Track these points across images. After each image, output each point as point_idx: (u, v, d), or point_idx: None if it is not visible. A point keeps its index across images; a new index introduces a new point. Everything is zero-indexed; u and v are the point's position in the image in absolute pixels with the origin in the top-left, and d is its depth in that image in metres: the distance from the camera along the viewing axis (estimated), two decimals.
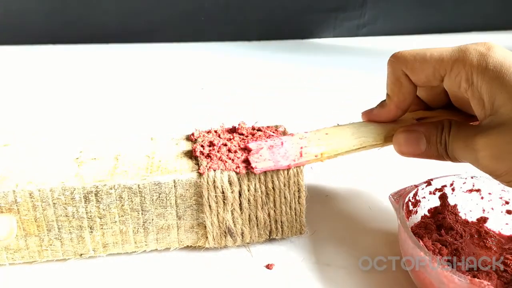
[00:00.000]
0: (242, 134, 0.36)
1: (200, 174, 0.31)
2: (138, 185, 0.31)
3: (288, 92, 0.71)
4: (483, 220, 0.35)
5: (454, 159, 0.30)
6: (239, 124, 0.37)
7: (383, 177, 0.45)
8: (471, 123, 0.30)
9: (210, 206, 0.32)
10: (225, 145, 0.35)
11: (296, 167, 0.32)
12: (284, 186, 0.33)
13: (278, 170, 0.32)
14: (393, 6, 1.07)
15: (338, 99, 0.68)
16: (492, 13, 1.09)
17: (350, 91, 0.72)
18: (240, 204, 0.33)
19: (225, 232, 0.33)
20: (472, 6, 1.07)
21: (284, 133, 0.36)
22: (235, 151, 0.34)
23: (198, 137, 0.36)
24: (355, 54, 0.94)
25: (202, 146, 0.34)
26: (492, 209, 0.35)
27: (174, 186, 0.32)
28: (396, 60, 0.30)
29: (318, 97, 0.69)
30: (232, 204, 0.32)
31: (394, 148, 0.33)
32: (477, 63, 0.27)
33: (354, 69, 0.84)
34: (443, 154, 0.30)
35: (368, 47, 1.01)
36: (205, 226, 0.33)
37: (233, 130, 0.37)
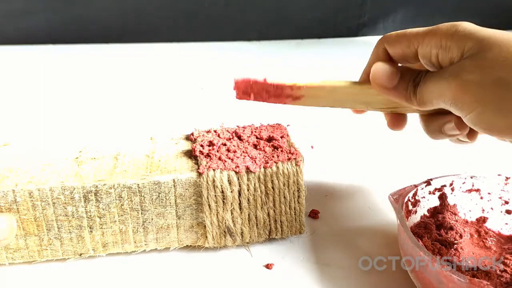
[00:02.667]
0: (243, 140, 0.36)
1: (200, 174, 0.31)
2: (138, 184, 0.31)
3: None
4: (482, 220, 0.35)
5: (420, 102, 0.30)
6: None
7: (382, 177, 0.45)
8: None
9: (209, 205, 0.32)
10: (225, 144, 0.35)
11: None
12: (284, 185, 0.33)
13: (278, 170, 0.32)
14: (393, 6, 1.07)
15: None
16: (491, 13, 1.09)
17: None
18: (240, 204, 0.33)
19: (224, 231, 0.33)
20: (471, 6, 1.07)
21: (284, 134, 0.36)
22: (235, 151, 0.34)
23: (197, 137, 0.36)
24: (355, 54, 0.94)
25: (201, 145, 0.34)
26: (492, 209, 0.35)
27: (174, 186, 0.32)
28: (381, 39, 0.33)
29: None
30: (231, 203, 0.32)
31: (370, 78, 0.33)
32: (446, 31, 0.29)
33: (354, 69, 0.84)
34: (411, 93, 0.31)
35: (368, 47, 1.01)
36: (205, 226, 0.33)
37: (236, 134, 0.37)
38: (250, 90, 0.31)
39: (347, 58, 0.92)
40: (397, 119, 0.36)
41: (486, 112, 0.26)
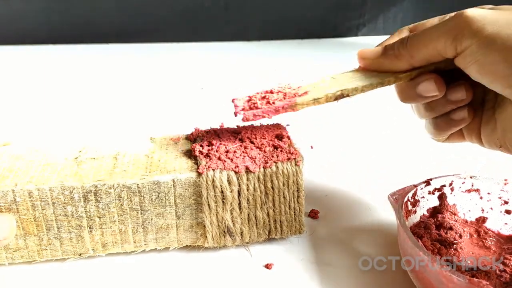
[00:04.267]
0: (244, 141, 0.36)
1: (199, 174, 0.31)
2: (137, 184, 0.31)
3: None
4: (482, 220, 0.35)
5: (412, 50, 0.30)
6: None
7: (382, 177, 0.45)
8: None
9: (209, 205, 0.32)
10: (224, 144, 0.35)
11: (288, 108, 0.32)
12: (283, 185, 0.33)
13: (277, 170, 0.32)
14: (393, 6, 1.07)
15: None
16: None
17: None
18: (239, 204, 0.33)
19: (224, 231, 0.33)
20: (471, 6, 1.07)
21: (283, 134, 0.36)
22: (234, 151, 0.34)
23: (197, 137, 0.36)
24: (355, 54, 0.94)
25: (201, 145, 0.34)
26: (491, 209, 0.35)
27: (173, 186, 0.32)
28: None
29: None
30: (231, 203, 0.32)
31: (358, 58, 0.34)
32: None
33: None
34: (400, 48, 0.31)
35: (368, 47, 1.01)
36: (204, 226, 0.33)
37: (237, 132, 0.37)
38: (253, 119, 0.32)
39: (347, 58, 0.92)
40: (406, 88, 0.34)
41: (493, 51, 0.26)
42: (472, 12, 0.28)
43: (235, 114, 0.32)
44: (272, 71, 0.83)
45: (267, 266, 0.33)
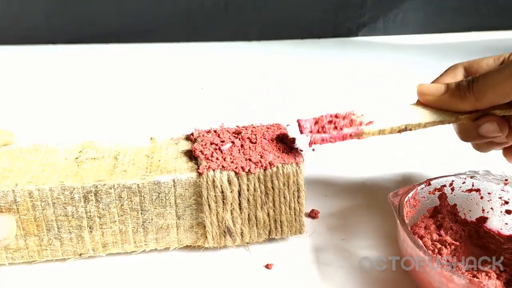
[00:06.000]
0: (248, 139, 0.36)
1: (200, 174, 0.31)
2: (138, 184, 0.31)
3: (288, 92, 0.71)
4: (482, 220, 0.35)
5: (478, 95, 0.31)
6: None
7: (383, 177, 0.45)
8: None
9: (209, 205, 0.32)
10: (224, 144, 0.35)
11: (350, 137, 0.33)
12: (284, 185, 0.33)
13: (277, 170, 0.32)
14: (393, 6, 1.07)
15: (339, 99, 0.68)
16: (490, 13, 1.09)
17: (350, 91, 0.72)
18: (240, 204, 0.33)
19: (224, 231, 0.33)
20: (472, 6, 1.07)
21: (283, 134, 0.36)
22: (234, 151, 0.34)
23: (197, 137, 0.36)
24: (355, 54, 0.94)
25: (201, 146, 0.34)
26: (492, 209, 0.35)
27: (174, 186, 0.32)
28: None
29: (319, 97, 0.69)
30: (231, 203, 0.32)
31: (418, 95, 0.35)
32: None
33: (355, 69, 0.84)
34: (465, 90, 0.31)
35: (368, 47, 1.01)
36: (205, 226, 0.33)
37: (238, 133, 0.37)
38: (320, 143, 0.33)
39: (347, 58, 0.92)
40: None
41: None
42: None
43: (302, 133, 0.33)
44: (272, 71, 0.83)
45: (267, 266, 0.33)
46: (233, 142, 0.35)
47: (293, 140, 0.35)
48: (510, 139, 0.34)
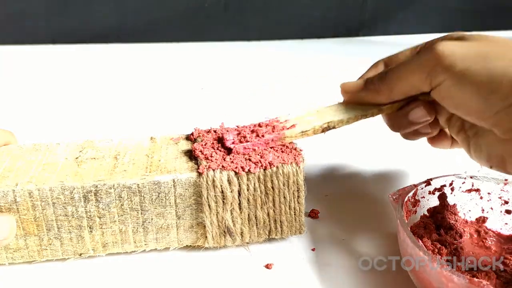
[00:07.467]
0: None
1: (200, 174, 0.31)
2: (138, 184, 0.31)
3: (288, 92, 0.72)
4: (482, 220, 0.35)
5: (390, 85, 0.31)
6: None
7: (382, 177, 0.45)
8: None
9: (209, 205, 0.32)
10: (224, 144, 0.35)
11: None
12: (284, 185, 0.33)
13: (277, 170, 0.32)
14: (393, 6, 1.07)
15: (339, 99, 0.68)
16: (490, 13, 1.09)
17: None
18: (240, 204, 0.33)
19: (224, 231, 0.33)
20: (471, 6, 1.07)
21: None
22: (234, 151, 0.34)
23: (197, 137, 0.36)
24: (355, 54, 0.94)
25: (201, 145, 0.34)
26: (492, 208, 0.35)
27: (174, 186, 0.32)
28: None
29: (319, 97, 0.69)
30: (231, 203, 0.32)
31: (341, 92, 0.36)
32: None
33: (355, 69, 0.84)
34: (379, 83, 0.32)
35: (368, 47, 1.01)
36: (205, 226, 0.33)
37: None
38: (243, 152, 0.34)
39: (347, 58, 0.92)
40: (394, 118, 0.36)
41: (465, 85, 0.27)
42: (443, 47, 0.28)
43: (225, 145, 0.34)
44: (272, 71, 0.83)
45: (267, 266, 0.33)
46: (237, 142, 0.35)
47: None
48: (434, 130, 0.35)
